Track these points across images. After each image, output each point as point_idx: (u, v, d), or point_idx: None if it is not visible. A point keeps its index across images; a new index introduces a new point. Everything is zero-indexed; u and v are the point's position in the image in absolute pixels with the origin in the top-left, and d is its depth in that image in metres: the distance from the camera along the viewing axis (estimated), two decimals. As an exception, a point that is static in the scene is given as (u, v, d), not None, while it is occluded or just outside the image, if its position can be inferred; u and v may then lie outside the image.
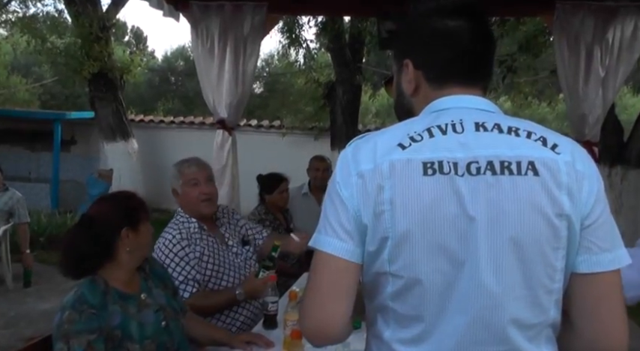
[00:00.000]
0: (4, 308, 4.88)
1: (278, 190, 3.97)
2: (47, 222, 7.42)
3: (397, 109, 1.04)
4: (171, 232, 2.54)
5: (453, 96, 1.09)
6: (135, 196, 2.02)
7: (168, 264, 2.44)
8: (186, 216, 2.63)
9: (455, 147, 1.00)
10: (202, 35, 4.62)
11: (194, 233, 2.58)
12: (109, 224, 1.89)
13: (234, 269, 2.65)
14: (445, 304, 0.99)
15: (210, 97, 4.66)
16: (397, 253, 0.99)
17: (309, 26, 8.49)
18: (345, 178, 1.05)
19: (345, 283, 1.06)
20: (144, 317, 1.91)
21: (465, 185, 0.97)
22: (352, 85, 8.29)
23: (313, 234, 1.09)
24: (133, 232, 1.91)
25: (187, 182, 2.64)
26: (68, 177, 9.86)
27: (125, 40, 22.87)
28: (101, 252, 1.88)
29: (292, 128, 9.62)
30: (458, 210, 0.97)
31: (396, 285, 1.01)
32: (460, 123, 1.03)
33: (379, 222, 1.00)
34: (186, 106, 16.46)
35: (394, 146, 1.02)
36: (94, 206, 1.97)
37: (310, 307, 1.09)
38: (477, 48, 1.10)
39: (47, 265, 5.84)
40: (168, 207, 9.25)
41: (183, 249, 2.48)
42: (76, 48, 8.82)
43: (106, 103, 9.02)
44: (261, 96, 16.81)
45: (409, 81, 1.15)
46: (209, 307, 2.48)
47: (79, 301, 1.76)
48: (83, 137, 10.37)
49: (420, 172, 0.98)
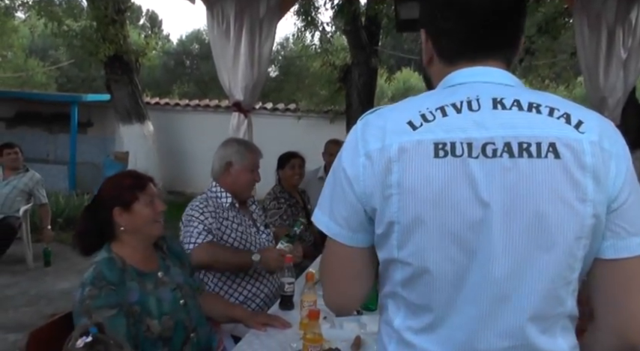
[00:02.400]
0: (26, 286, 4.98)
1: (289, 165, 3.98)
2: (65, 203, 7.51)
3: (425, 81, 0.95)
4: (202, 200, 2.64)
5: (469, 68, 1.00)
6: (130, 176, 2.02)
7: (194, 216, 2.53)
8: (222, 189, 2.72)
9: (470, 126, 0.92)
10: (218, 17, 4.60)
11: (226, 207, 2.68)
12: (102, 203, 1.95)
13: (257, 244, 2.74)
14: (456, 295, 0.93)
15: (225, 80, 4.65)
16: (406, 239, 0.94)
17: (325, 9, 8.43)
18: (352, 157, 0.99)
19: (352, 266, 1.04)
20: (161, 294, 1.94)
21: (479, 168, 0.90)
22: (368, 68, 8.22)
23: None
24: (126, 212, 1.92)
25: (248, 166, 2.75)
26: (85, 159, 9.95)
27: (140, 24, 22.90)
28: (101, 230, 1.94)
29: (308, 111, 9.59)
30: (470, 195, 0.90)
31: (405, 272, 0.97)
32: (476, 99, 0.95)
33: (387, 206, 0.94)
34: (201, 90, 16.49)
35: (404, 125, 0.94)
36: (100, 186, 2.04)
37: (326, 287, 1.12)
38: (493, 16, 0.98)
39: (65, 245, 5.92)
40: (184, 189, 9.33)
41: (209, 211, 2.58)
42: (92, 31, 8.84)
43: (122, 86, 9.06)
44: (276, 79, 16.78)
45: (425, 51, 1.08)
46: (223, 258, 2.52)
47: (97, 277, 1.80)
48: (99, 120, 10.44)
49: (431, 154, 0.91)
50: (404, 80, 17.75)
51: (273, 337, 2.05)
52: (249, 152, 2.78)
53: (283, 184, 3.99)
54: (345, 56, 9.14)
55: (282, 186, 3.98)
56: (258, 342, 2.02)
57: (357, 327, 2.11)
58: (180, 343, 1.94)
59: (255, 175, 2.78)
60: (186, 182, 9.62)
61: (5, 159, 5.35)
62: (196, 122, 10.00)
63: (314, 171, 4.63)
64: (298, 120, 9.57)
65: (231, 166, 2.75)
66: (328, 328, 2.05)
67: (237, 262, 2.56)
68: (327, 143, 4.71)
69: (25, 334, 1.80)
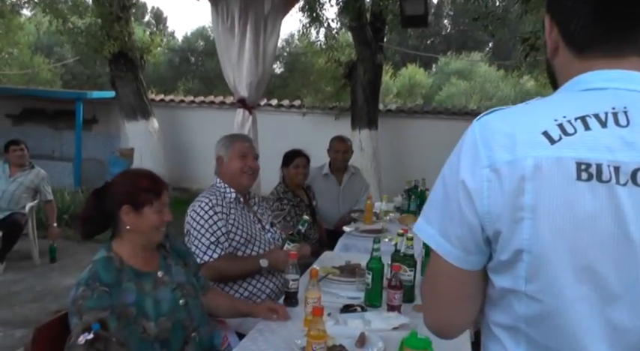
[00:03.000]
0: (32, 283, 5.01)
1: (293, 165, 3.96)
2: (70, 200, 7.54)
3: (548, 71, 0.83)
4: (208, 196, 2.64)
5: (606, 71, 0.85)
6: (148, 178, 1.99)
7: (202, 225, 2.55)
8: (225, 185, 2.73)
9: (618, 146, 0.78)
10: (223, 13, 4.60)
11: (230, 202, 2.68)
12: (113, 196, 1.94)
13: (263, 243, 2.76)
14: (590, 340, 0.81)
15: (230, 77, 4.67)
16: (536, 271, 0.81)
17: (330, 5, 8.39)
18: (473, 166, 0.84)
19: (462, 290, 0.93)
20: (159, 294, 1.93)
21: (627, 198, 0.76)
22: (373, 65, 8.19)
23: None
24: (134, 212, 1.92)
25: (237, 154, 2.75)
26: (90, 155, 9.98)
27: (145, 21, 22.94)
28: (104, 220, 1.95)
29: (313, 108, 9.57)
30: (616, 229, 0.77)
31: (532, 309, 0.84)
32: (624, 112, 0.79)
33: (516, 230, 0.81)
34: (206, 86, 16.48)
35: (539, 135, 0.80)
36: (115, 176, 2.04)
37: (429, 309, 1.00)
38: None
39: (71, 241, 5.96)
40: (189, 186, 9.34)
41: (216, 214, 2.58)
42: (97, 28, 8.84)
43: (127, 83, 9.06)
44: (281, 76, 16.75)
45: (549, 40, 0.93)
46: (233, 271, 2.58)
47: (92, 278, 1.80)
48: (104, 116, 10.47)
49: (573, 175, 0.78)
50: (409, 76, 17.69)
51: (277, 334, 2.05)
52: (233, 141, 2.80)
53: (287, 182, 3.98)
54: (350, 53, 9.10)
55: (285, 184, 3.96)
56: (263, 339, 2.01)
57: (362, 324, 2.11)
58: (179, 343, 1.93)
59: (248, 161, 2.75)
60: (191, 179, 9.63)
61: (11, 156, 5.37)
62: (201, 119, 10.00)
63: (319, 168, 4.62)
64: (303, 116, 9.55)
65: (222, 160, 2.78)
66: (332, 325, 2.04)
67: (246, 271, 2.61)
68: (332, 140, 4.68)
69: (31, 329, 1.81)
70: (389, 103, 11.74)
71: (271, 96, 10.97)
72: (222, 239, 2.57)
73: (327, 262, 2.95)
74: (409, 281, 2.42)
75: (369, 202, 4.09)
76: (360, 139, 8.17)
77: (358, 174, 4.81)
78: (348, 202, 4.54)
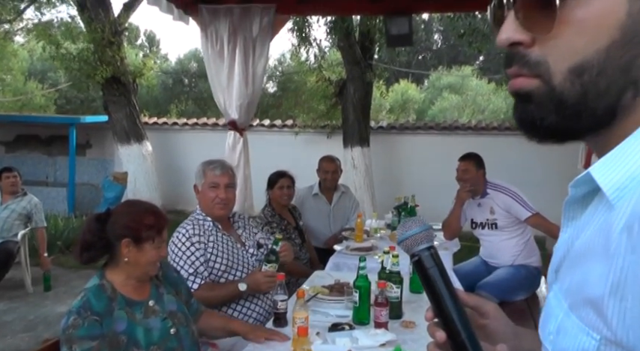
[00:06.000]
0: (24, 312, 4.97)
1: (277, 186, 3.99)
2: (64, 225, 7.53)
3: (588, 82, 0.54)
4: (186, 227, 2.67)
5: None
6: (153, 214, 2.00)
7: (180, 256, 2.57)
8: (203, 214, 2.76)
9: None
10: (212, 38, 4.67)
11: (208, 229, 2.69)
12: (115, 227, 1.94)
13: (247, 267, 2.75)
14: None
15: (220, 99, 4.71)
16: None
17: (318, 25, 8.51)
18: None
19: None
20: (150, 323, 1.95)
21: None
22: (363, 83, 8.28)
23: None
24: (135, 247, 1.93)
25: (208, 184, 2.76)
26: (84, 180, 10.00)
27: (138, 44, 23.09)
28: (103, 248, 1.96)
29: (305, 127, 9.64)
30: None
31: None
32: None
33: None
34: (200, 108, 16.58)
35: None
36: (119, 205, 2.06)
37: None
38: None
39: (65, 268, 5.94)
40: (184, 208, 9.34)
41: (193, 245, 2.60)
42: (89, 53, 8.93)
43: (120, 107, 9.12)
44: (274, 95, 16.87)
45: None
46: (214, 298, 2.58)
47: (83, 307, 1.81)
48: (98, 141, 10.51)
49: None
50: (402, 92, 17.83)
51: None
52: (208, 170, 2.79)
53: (273, 204, 4.01)
54: (340, 71, 9.21)
55: (272, 207, 3.99)
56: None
57: (349, 342, 2.13)
58: None
59: (219, 192, 2.72)
60: (186, 201, 9.64)
61: (4, 183, 5.38)
62: (195, 141, 10.05)
63: (308, 188, 4.65)
64: (296, 136, 9.61)
65: (196, 188, 2.82)
66: (320, 344, 2.06)
67: (227, 297, 2.62)
68: (321, 160, 4.71)
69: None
70: (381, 119, 11.83)
71: (265, 116, 11.05)
72: (201, 269, 2.58)
73: (317, 282, 2.98)
74: (396, 298, 2.45)
75: (359, 220, 4.12)
76: (353, 157, 8.23)
77: (348, 192, 4.84)
78: (339, 220, 4.58)
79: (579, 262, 0.60)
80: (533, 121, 0.62)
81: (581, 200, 0.63)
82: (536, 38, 0.60)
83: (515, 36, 0.61)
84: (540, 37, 0.60)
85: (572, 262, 0.62)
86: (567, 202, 0.65)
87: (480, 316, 0.92)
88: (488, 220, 3.91)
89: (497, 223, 3.86)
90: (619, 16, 0.56)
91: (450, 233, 4.07)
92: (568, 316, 0.59)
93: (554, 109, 0.60)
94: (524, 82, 0.62)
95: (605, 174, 0.57)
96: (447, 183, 4.99)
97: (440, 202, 5.02)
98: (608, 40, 0.56)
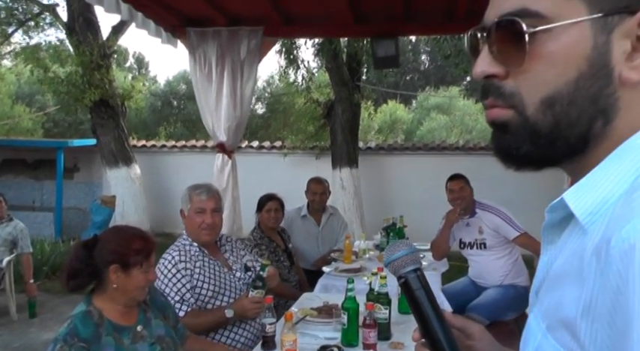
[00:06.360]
0: (8, 340, 4.87)
1: (266, 209, 3.98)
2: (51, 251, 7.42)
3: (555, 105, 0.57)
4: (172, 254, 2.64)
5: None
6: (140, 239, 1.99)
7: (166, 284, 2.54)
8: (189, 239, 2.73)
9: None
10: (200, 61, 4.69)
11: (194, 255, 2.66)
12: (103, 253, 1.93)
13: (235, 291, 2.73)
14: None
15: (209, 122, 4.72)
16: None
17: (306, 47, 8.59)
18: None
19: None
20: (138, 349, 1.93)
21: None
22: (351, 104, 8.35)
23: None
24: (123, 273, 1.92)
25: (194, 209, 2.73)
26: (72, 204, 9.92)
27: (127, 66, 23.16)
28: (90, 275, 1.93)
29: (294, 148, 9.66)
30: None
31: None
32: None
33: None
34: (189, 130, 16.59)
35: None
36: (106, 231, 2.04)
37: None
38: None
39: (51, 294, 5.84)
40: (173, 231, 9.28)
41: (179, 271, 2.57)
42: (77, 76, 8.94)
43: (108, 130, 9.11)
44: (263, 116, 16.93)
45: None
46: (201, 326, 2.55)
47: (70, 333, 1.79)
48: (86, 164, 10.46)
49: None
50: (390, 113, 17.96)
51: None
52: (194, 195, 2.75)
53: (262, 226, 4.00)
54: (328, 92, 9.28)
55: (261, 229, 3.97)
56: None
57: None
58: None
59: (206, 217, 2.70)
60: (174, 224, 9.58)
61: (-11, 208, 5.32)
62: (184, 163, 10.03)
63: (297, 209, 4.65)
64: (284, 157, 9.63)
65: (182, 213, 2.79)
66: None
67: (214, 324, 2.59)
68: (309, 182, 4.71)
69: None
70: (370, 140, 11.89)
71: (253, 137, 11.07)
72: (188, 296, 2.55)
73: (305, 304, 2.96)
74: (384, 319, 2.44)
75: (347, 241, 4.12)
76: (342, 178, 8.25)
77: (337, 214, 4.84)
78: (328, 242, 4.57)
79: (556, 285, 0.61)
80: (509, 150, 0.65)
81: (559, 224, 0.65)
82: (509, 71, 0.63)
83: (489, 69, 0.64)
84: (513, 70, 0.62)
85: (550, 284, 0.64)
86: (545, 226, 0.67)
87: (467, 338, 0.94)
88: (477, 240, 3.92)
89: (485, 242, 3.87)
90: (585, 50, 0.59)
91: (439, 254, 4.07)
92: (546, 337, 0.61)
93: (529, 139, 0.62)
94: (500, 113, 0.64)
95: (578, 200, 0.59)
96: (435, 203, 5.01)
97: (429, 222, 5.03)
98: (576, 72, 0.59)
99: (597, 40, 0.58)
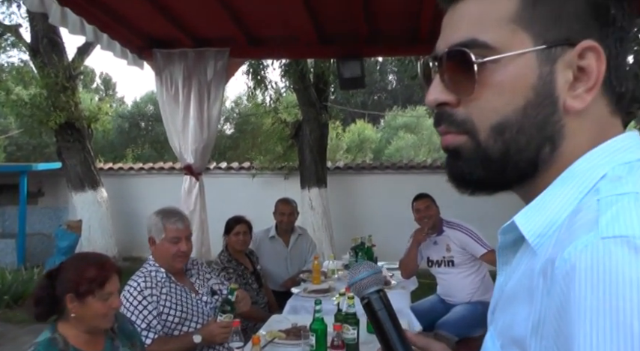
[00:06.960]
0: (-33, 371, 4.71)
1: (234, 232, 3.95)
2: (13, 278, 7.17)
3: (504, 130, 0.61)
4: (137, 280, 2.59)
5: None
6: (95, 266, 1.94)
7: (132, 311, 2.49)
8: (156, 265, 2.68)
9: None
10: (166, 82, 4.67)
11: (160, 281, 2.62)
12: (62, 282, 1.90)
13: (202, 316, 2.69)
14: None
15: (176, 144, 4.69)
16: None
17: (273, 68, 8.64)
18: None
19: None
20: None
21: None
22: (319, 124, 8.40)
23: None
24: (78, 302, 1.88)
25: (170, 238, 2.66)
26: (36, 230, 9.67)
27: (94, 87, 22.88)
28: (51, 304, 1.91)
29: (262, 169, 9.65)
30: None
31: None
32: None
33: None
34: (157, 151, 16.42)
35: None
36: (68, 259, 2.02)
37: None
38: None
39: (12, 324, 5.65)
40: (140, 255, 9.13)
41: (145, 298, 2.53)
42: (42, 99, 8.79)
43: (74, 153, 8.95)
44: (231, 137, 16.88)
45: (590, 81, 0.61)
46: None
47: None
48: (51, 188, 10.23)
49: None
50: (358, 132, 18.12)
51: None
52: (169, 224, 2.68)
53: (230, 249, 3.97)
54: (296, 113, 9.33)
55: (229, 252, 3.94)
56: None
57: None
58: None
59: (181, 246, 2.66)
60: (142, 248, 9.40)
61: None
62: (151, 185, 9.91)
63: (265, 231, 4.63)
64: (253, 178, 9.60)
65: (152, 241, 2.72)
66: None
67: (182, 348, 2.54)
68: (277, 203, 4.71)
69: None
70: (339, 159, 11.95)
71: (222, 158, 11.02)
72: (154, 323, 2.50)
73: (274, 326, 2.94)
74: (352, 339, 2.44)
75: (316, 262, 4.11)
76: (310, 198, 8.26)
77: (305, 234, 4.84)
78: (297, 263, 4.56)
79: (509, 305, 0.64)
80: (462, 175, 0.67)
81: (512, 245, 0.67)
82: (460, 99, 0.65)
83: (441, 97, 0.66)
84: (464, 98, 0.65)
85: (504, 304, 0.66)
86: (499, 248, 0.70)
87: None
88: (444, 258, 3.96)
89: (453, 260, 3.91)
90: (531, 79, 0.61)
91: (407, 272, 4.10)
92: None
93: (481, 164, 0.65)
94: (454, 139, 0.67)
95: (528, 222, 0.62)
96: (404, 222, 5.04)
97: (398, 241, 5.06)
98: (523, 101, 0.62)
99: (542, 70, 0.61)
